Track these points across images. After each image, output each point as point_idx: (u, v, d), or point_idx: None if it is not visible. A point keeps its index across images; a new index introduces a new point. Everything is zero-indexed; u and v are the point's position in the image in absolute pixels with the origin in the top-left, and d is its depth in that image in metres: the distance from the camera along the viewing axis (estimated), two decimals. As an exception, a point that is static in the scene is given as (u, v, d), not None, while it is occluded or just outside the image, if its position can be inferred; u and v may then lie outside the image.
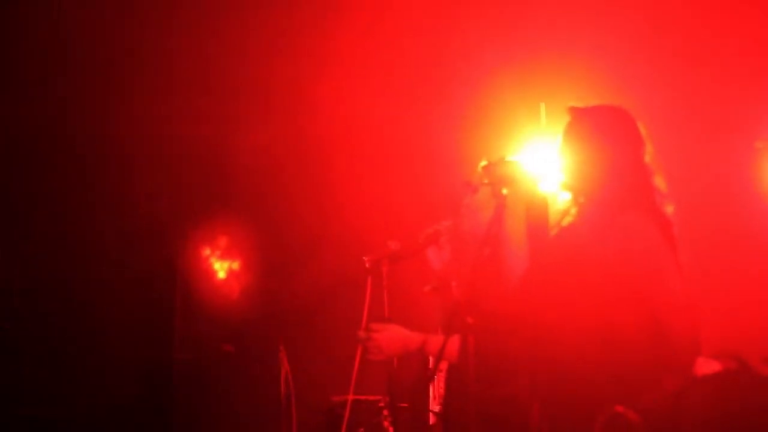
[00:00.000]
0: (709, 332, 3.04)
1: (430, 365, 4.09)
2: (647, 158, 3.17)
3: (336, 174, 6.33)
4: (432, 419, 4.71)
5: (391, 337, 3.52)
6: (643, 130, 3.21)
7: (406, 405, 5.00)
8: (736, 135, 5.30)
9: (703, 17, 5.23)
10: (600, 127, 3.20)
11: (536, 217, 3.25)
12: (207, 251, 7.06)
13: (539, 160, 3.56)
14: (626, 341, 2.96)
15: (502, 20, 5.58)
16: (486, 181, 3.26)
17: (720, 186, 5.29)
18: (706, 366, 2.95)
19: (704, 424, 2.72)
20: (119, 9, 5.81)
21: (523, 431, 3.09)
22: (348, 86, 6.03)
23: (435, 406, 4.65)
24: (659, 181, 3.16)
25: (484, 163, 3.30)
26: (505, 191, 3.19)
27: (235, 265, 7.08)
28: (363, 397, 4.93)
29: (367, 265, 3.67)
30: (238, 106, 6.33)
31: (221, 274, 7.08)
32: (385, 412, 4.95)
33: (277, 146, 6.47)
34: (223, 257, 7.08)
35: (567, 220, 3.23)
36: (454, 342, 3.26)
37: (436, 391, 4.53)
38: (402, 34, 5.83)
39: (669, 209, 3.13)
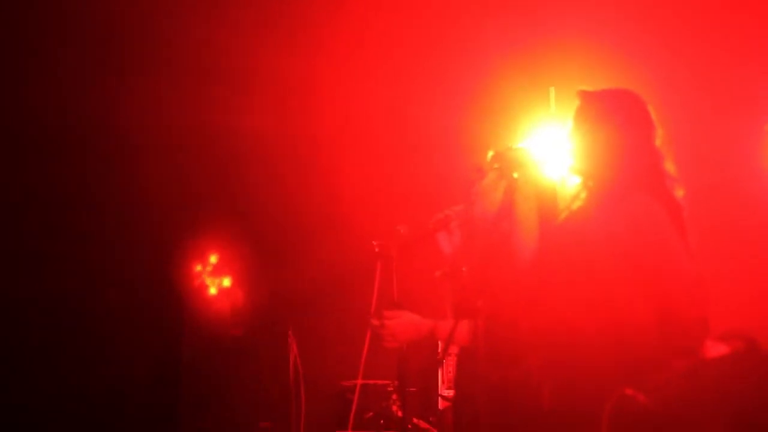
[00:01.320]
0: (718, 313, 3.05)
1: (440, 349, 4.11)
2: (657, 142, 3.18)
3: (346, 159, 6.34)
4: (441, 403, 4.74)
5: (404, 323, 3.52)
6: (653, 114, 3.21)
7: (414, 389, 5.03)
8: (746, 118, 5.30)
9: (714, 2, 5.22)
10: (610, 111, 3.20)
11: (546, 201, 3.26)
12: (213, 239, 7.08)
13: (549, 144, 3.58)
14: (635, 323, 2.97)
15: (511, 5, 5.57)
16: (496, 165, 3.28)
17: (730, 169, 5.29)
18: (715, 349, 2.95)
19: (713, 405, 2.73)
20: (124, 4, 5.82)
21: (534, 413, 3.11)
22: (355, 72, 6.03)
23: (444, 390, 4.68)
24: (669, 165, 3.17)
25: (492, 153, 3.31)
26: (515, 175, 3.21)
27: (241, 255, 7.10)
28: (372, 382, 4.96)
29: (376, 250, 3.67)
30: (241, 94, 6.33)
31: (212, 281, 7.10)
32: (394, 396, 4.99)
33: (285, 133, 6.47)
34: (230, 245, 7.10)
35: (576, 204, 3.25)
36: (464, 326, 3.27)
37: (445, 375, 4.56)
38: (410, 20, 5.82)
39: (679, 193, 3.14)
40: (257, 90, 6.26)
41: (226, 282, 7.08)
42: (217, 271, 7.06)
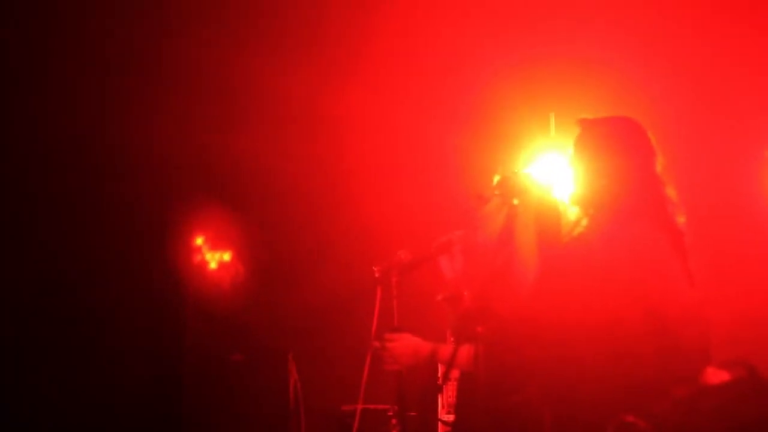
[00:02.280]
0: (719, 340, 3.05)
1: (440, 374, 4.11)
2: (658, 168, 3.19)
3: (346, 183, 6.34)
4: (440, 428, 4.72)
5: (405, 346, 3.53)
6: (654, 141, 3.23)
7: (414, 414, 5.01)
8: (745, 143, 5.31)
9: (713, 27, 5.24)
10: (610, 139, 3.22)
11: (547, 227, 3.26)
12: (214, 258, 7.06)
13: (549, 170, 3.59)
14: (635, 349, 2.97)
15: (512, 31, 5.60)
16: (497, 192, 3.29)
17: (729, 194, 5.30)
18: (716, 376, 2.95)
19: (713, 432, 2.73)
20: (126, 12, 5.84)
21: (535, 439, 3.10)
22: (357, 95, 6.04)
23: (444, 415, 4.66)
24: (671, 192, 3.18)
25: (497, 177, 3.32)
26: (515, 201, 3.22)
27: (241, 273, 7.08)
28: (372, 406, 4.94)
29: (376, 275, 3.67)
30: (246, 112, 6.35)
31: (227, 281, 7.08)
32: (394, 421, 4.97)
33: (285, 155, 6.48)
34: (230, 265, 7.08)
35: (578, 231, 3.25)
36: (466, 350, 3.27)
37: (445, 399, 4.55)
38: (411, 45, 5.85)
39: (680, 220, 3.15)
40: (260, 110, 6.28)
41: (227, 256, 7.05)
42: (217, 246, 7.03)
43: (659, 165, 3.20)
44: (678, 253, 3.07)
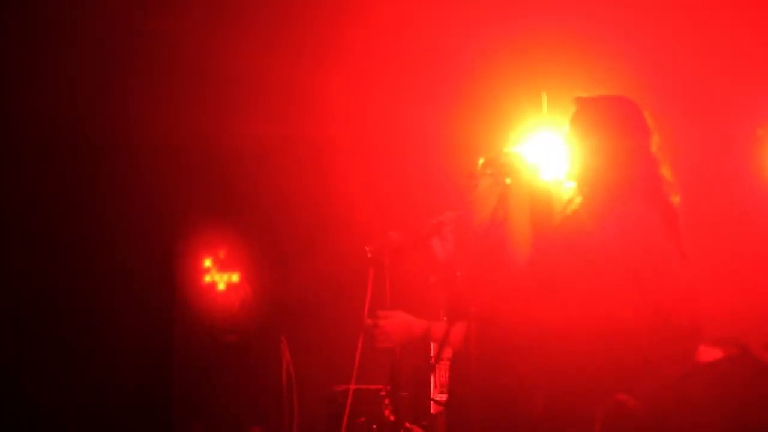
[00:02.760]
0: (711, 319, 3.06)
1: (433, 353, 4.12)
2: (653, 148, 3.19)
3: (338, 164, 6.34)
4: (433, 407, 4.74)
5: (398, 323, 3.52)
6: (649, 120, 3.22)
7: (407, 393, 5.02)
8: (738, 122, 5.32)
9: (704, 5, 5.23)
10: (606, 117, 3.21)
11: (539, 206, 3.26)
12: (207, 245, 7.08)
13: (541, 149, 3.59)
14: (627, 328, 2.98)
15: (503, 9, 5.58)
16: (488, 172, 3.29)
17: (722, 173, 5.30)
18: (708, 353, 2.96)
19: (706, 411, 2.74)
20: (127, 7, 5.83)
21: (526, 417, 3.11)
22: (349, 78, 6.04)
23: (436, 395, 4.67)
24: (666, 171, 3.17)
25: (482, 159, 3.32)
26: (508, 181, 3.21)
27: (235, 264, 7.09)
28: (364, 387, 4.95)
29: (368, 256, 3.66)
30: (239, 101, 6.34)
31: (220, 277, 7.09)
32: (387, 401, 4.98)
33: (279, 136, 6.48)
34: (222, 251, 7.09)
35: (571, 209, 3.25)
36: (459, 328, 3.27)
37: (437, 379, 4.56)
38: (402, 25, 5.83)
39: (675, 199, 3.14)
40: (254, 96, 6.27)
41: (235, 277, 7.06)
42: (225, 267, 7.04)
43: (654, 144, 3.19)
44: (671, 232, 3.06)
